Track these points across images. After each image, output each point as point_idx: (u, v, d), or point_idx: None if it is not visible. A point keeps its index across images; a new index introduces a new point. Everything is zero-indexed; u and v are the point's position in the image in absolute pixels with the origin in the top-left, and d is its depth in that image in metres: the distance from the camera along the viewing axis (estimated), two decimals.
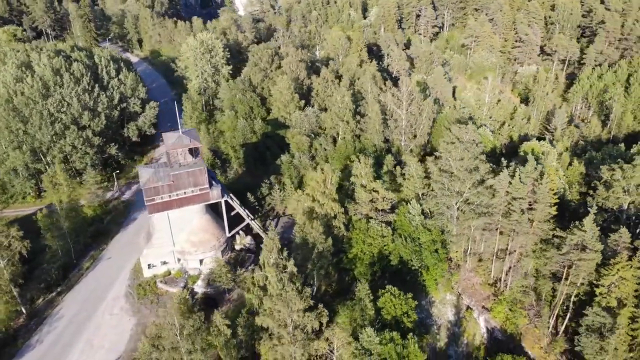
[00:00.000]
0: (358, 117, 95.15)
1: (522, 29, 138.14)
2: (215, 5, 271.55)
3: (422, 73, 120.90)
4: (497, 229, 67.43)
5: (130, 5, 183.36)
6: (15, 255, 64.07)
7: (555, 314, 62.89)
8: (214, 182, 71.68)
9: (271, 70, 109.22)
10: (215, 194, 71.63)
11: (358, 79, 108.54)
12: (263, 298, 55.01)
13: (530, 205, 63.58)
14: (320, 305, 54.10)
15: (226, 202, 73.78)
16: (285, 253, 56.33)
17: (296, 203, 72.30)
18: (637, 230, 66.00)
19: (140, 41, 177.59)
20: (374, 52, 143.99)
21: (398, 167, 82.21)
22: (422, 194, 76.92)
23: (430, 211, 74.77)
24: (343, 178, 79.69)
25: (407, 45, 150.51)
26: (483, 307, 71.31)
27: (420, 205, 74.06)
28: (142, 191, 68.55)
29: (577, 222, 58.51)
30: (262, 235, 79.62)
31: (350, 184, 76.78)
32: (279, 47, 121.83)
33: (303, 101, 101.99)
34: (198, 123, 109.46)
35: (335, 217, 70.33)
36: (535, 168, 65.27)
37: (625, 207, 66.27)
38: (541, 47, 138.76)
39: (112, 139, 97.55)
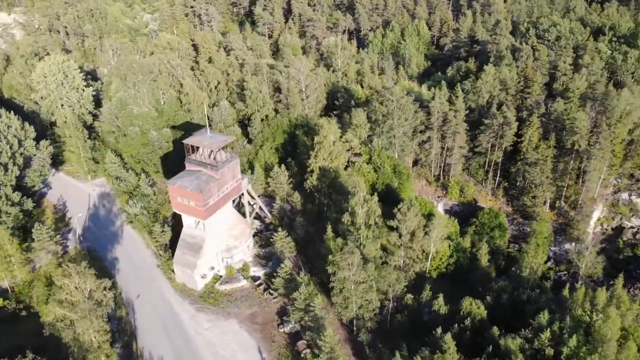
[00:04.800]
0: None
1: (305, 10, 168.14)
2: None
3: (265, 58, 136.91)
4: (436, 138, 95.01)
5: None
6: (105, 312, 56.30)
7: (489, 177, 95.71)
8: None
9: (154, 80, 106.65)
10: (245, 183, 75.88)
11: (234, 70, 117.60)
12: (360, 231, 67.69)
13: (454, 114, 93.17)
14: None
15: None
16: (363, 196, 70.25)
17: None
18: None
19: None
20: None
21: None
22: (368, 136, 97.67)
23: (381, 145, 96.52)
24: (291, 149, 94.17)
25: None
26: (438, 197, 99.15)
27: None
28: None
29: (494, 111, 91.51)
30: (268, 215, 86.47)
31: (312, 147, 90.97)
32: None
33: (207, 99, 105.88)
34: (93, 151, 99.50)
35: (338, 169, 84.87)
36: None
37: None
38: None
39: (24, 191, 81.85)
